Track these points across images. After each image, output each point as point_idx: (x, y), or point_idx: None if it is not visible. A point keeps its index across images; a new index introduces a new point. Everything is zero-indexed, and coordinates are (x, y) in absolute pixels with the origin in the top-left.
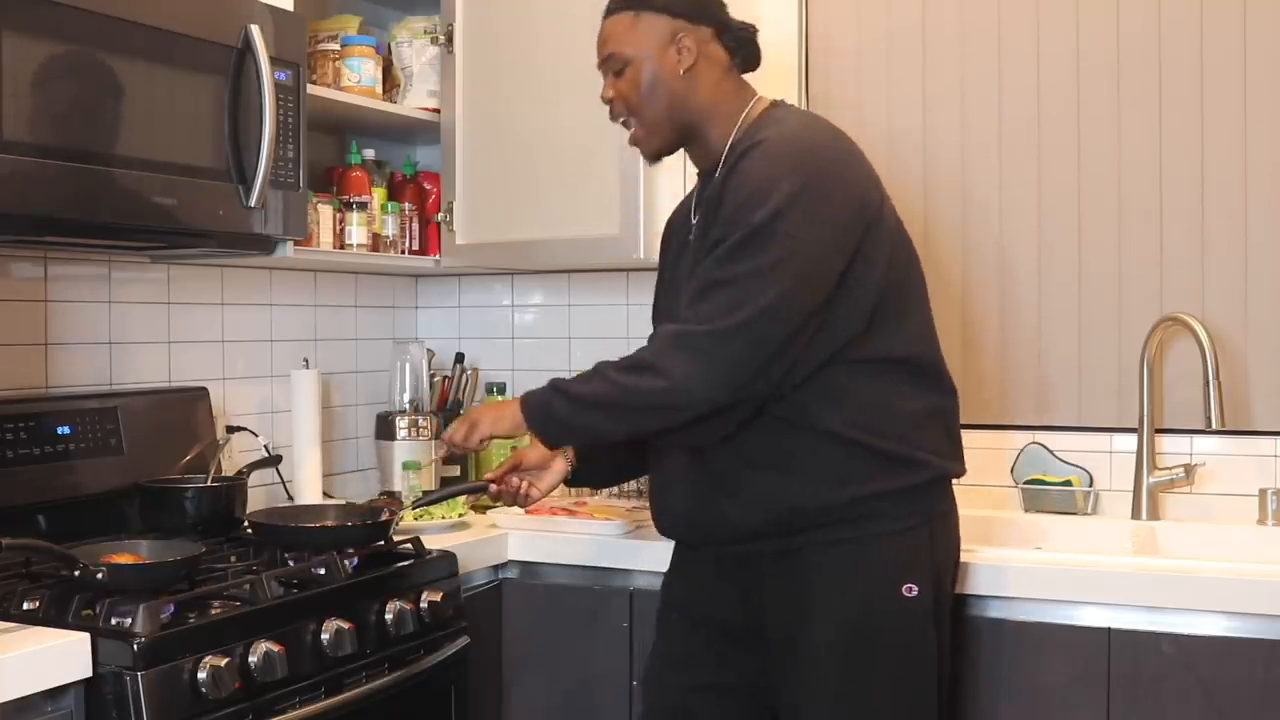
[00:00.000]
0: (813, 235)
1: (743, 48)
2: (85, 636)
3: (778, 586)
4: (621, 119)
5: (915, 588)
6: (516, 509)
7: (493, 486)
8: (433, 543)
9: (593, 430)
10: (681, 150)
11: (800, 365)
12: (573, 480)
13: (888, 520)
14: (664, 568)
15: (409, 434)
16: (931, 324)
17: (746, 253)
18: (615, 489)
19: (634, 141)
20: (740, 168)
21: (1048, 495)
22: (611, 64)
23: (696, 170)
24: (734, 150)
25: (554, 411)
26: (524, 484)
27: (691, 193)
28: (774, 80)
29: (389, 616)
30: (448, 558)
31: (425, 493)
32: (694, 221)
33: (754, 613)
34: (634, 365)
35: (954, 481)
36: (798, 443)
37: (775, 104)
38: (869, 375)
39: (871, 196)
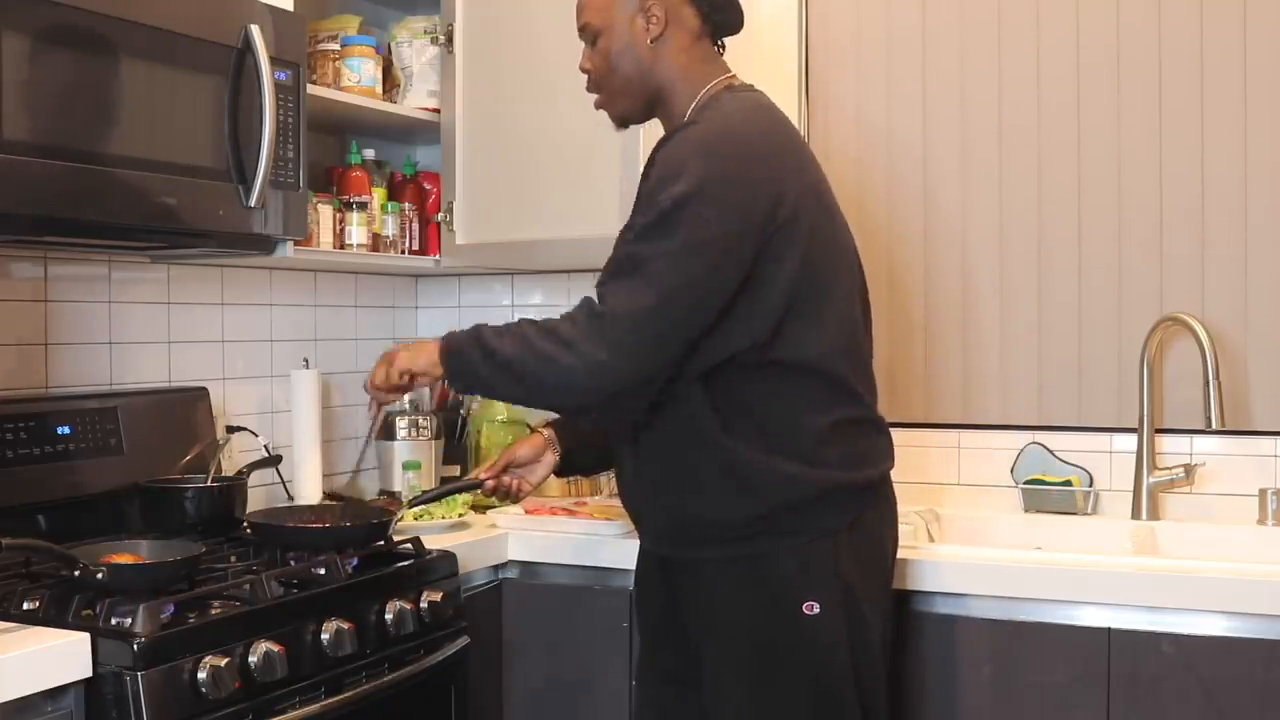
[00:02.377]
0: (721, 222)
1: (717, 12)
2: (85, 636)
3: (691, 595)
4: (591, 89)
5: (817, 605)
6: (516, 508)
7: (488, 483)
8: (433, 543)
9: (501, 394)
10: None
11: (700, 358)
12: (560, 470)
13: (785, 536)
14: None
15: (409, 434)
16: (853, 332)
17: (657, 234)
18: (615, 489)
19: (599, 106)
20: (664, 149)
21: (1048, 495)
22: (585, 34)
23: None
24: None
25: (471, 364)
26: (516, 481)
27: None
28: (774, 79)
29: (389, 616)
30: (448, 558)
31: (424, 492)
32: None
33: (678, 615)
34: (554, 336)
35: (957, 484)
36: (701, 457)
37: (731, 87)
38: (774, 382)
39: (788, 194)
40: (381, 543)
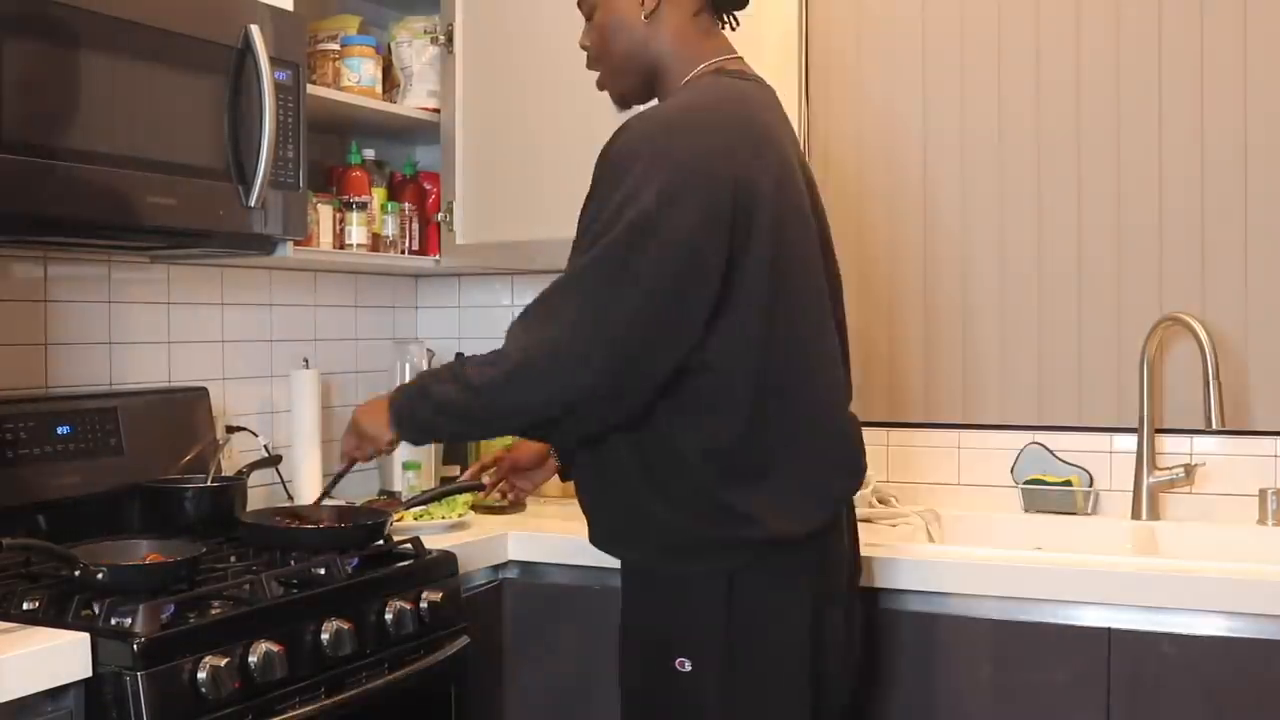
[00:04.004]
0: (683, 222)
1: None
2: (85, 636)
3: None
4: (591, 66)
5: (689, 663)
6: (516, 508)
7: (489, 484)
8: (433, 543)
9: (460, 437)
10: None
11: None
12: (564, 474)
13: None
14: None
15: None
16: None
17: (606, 245)
18: None
19: (600, 86)
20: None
21: (1048, 495)
22: (583, 7)
23: None
24: None
25: (417, 418)
26: (515, 492)
27: None
28: (774, 79)
29: (389, 616)
30: (448, 558)
31: (423, 491)
32: None
33: None
34: (493, 380)
35: (957, 484)
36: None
37: (724, 69)
38: (710, 392)
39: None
40: (381, 543)
